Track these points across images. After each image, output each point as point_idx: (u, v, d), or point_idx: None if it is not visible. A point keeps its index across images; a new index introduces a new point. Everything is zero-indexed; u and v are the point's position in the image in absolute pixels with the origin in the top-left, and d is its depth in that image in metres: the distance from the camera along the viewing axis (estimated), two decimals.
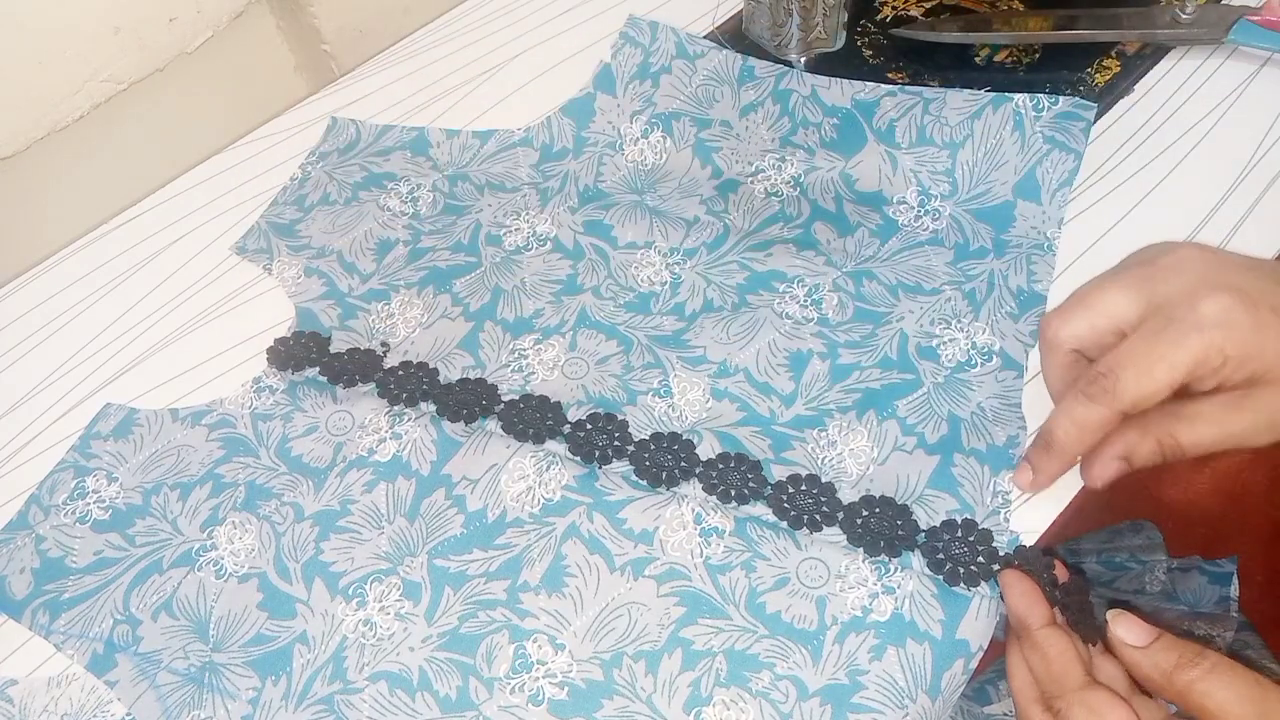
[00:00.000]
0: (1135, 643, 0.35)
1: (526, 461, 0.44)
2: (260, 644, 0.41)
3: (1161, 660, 0.35)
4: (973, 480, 0.42)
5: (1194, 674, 0.34)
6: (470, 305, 0.50)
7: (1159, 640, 0.35)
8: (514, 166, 0.56)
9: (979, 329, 0.47)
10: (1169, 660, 0.35)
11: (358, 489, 0.44)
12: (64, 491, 0.46)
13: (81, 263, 0.56)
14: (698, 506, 0.42)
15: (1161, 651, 0.35)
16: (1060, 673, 0.36)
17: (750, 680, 0.38)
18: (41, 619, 0.42)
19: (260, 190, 0.57)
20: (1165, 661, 0.35)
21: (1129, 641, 0.36)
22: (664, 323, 0.49)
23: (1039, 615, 0.37)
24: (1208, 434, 0.38)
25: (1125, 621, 0.36)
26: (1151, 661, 0.35)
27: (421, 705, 0.39)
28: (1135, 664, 0.36)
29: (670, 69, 0.56)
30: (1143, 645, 0.35)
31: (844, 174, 0.53)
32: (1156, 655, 0.35)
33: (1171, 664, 0.34)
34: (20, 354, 0.52)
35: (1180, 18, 0.54)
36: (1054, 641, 0.36)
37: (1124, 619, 0.36)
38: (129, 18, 0.55)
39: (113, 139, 0.59)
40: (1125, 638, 0.36)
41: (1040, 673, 0.37)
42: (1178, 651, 0.35)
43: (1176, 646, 0.35)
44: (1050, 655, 0.36)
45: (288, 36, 0.65)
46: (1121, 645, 0.36)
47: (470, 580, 0.41)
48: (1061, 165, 0.49)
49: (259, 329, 0.51)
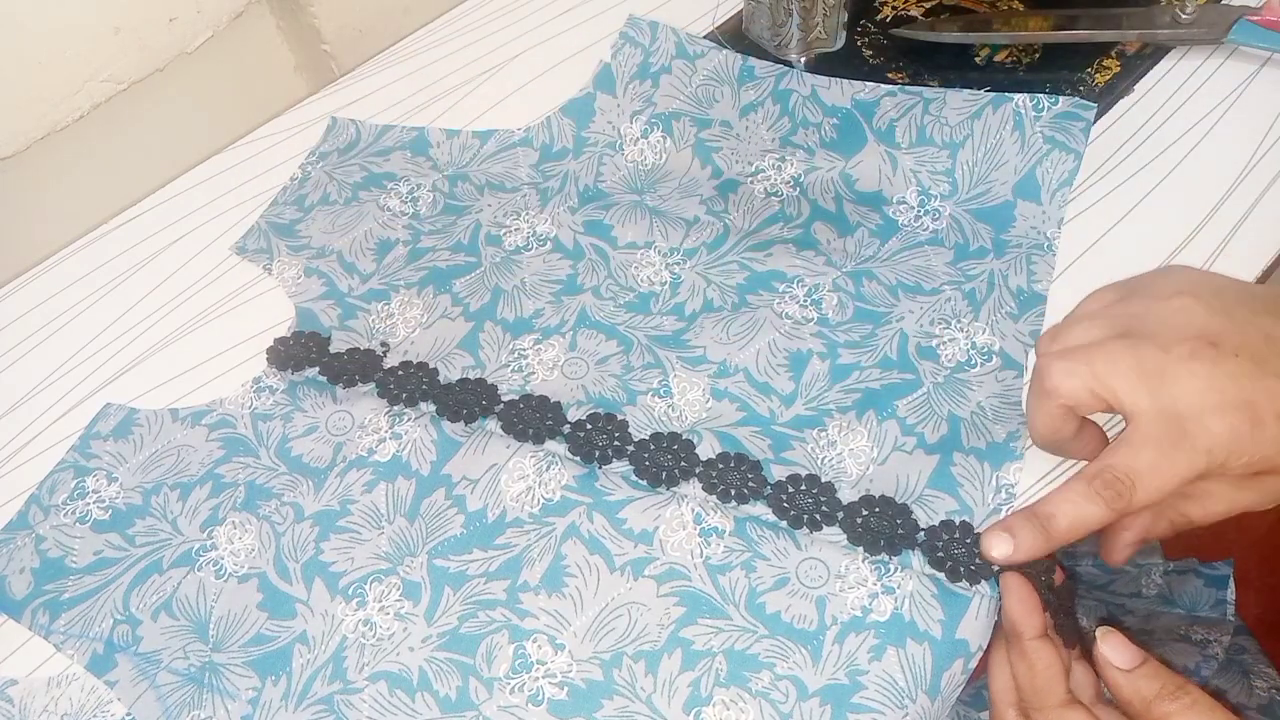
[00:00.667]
0: (1121, 665, 0.36)
1: (526, 461, 0.44)
2: (260, 644, 0.41)
3: (1144, 687, 0.35)
4: (973, 480, 0.42)
5: (1172, 707, 0.34)
6: (470, 305, 0.50)
7: (1144, 666, 0.36)
8: (514, 166, 0.56)
9: (979, 329, 0.47)
10: (1150, 689, 0.35)
11: (358, 489, 0.44)
12: (64, 491, 0.46)
13: (81, 263, 0.56)
14: (697, 506, 0.42)
15: (1144, 679, 0.35)
16: (1043, 687, 0.36)
17: (750, 680, 0.38)
18: (41, 619, 0.42)
19: (260, 190, 0.57)
20: (1147, 689, 0.35)
21: (1115, 663, 0.36)
22: (664, 323, 0.49)
23: (1033, 625, 0.37)
24: (1217, 509, 0.40)
25: (1113, 642, 0.36)
26: (1133, 687, 0.35)
27: (421, 705, 0.39)
28: (1117, 686, 0.36)
29: (670, 69, 0.56)
30: (1128, 669, 0.36)
31: (844, 174, 0.53)
32: (1139, 681, 0.35)
33: (1153, 693, 0.35)
34: (20, 354, 0.52)
35: (1180, 18, 0.54)
36: (1042, 654, 0.37)
37: (1112, 639, 0.36)
38: (129, 18, 0.55)
39: (113, 139, 0.59)
40: (1111, 658, 0.36)
41: (1024, 682, 0.37)
42: (1160, 682, 0.35)
43: (1160, 676, 0.35)
44: (1037, 668, 0.36)
45: (288, 36, 0.65)
46: (1106, 665, 0.36)
47: (470, 580, 0.41)
48: (1061, 165, 0.49)
49: (259, 329, 0.51)
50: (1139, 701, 0.35)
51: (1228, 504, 0.39)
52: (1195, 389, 0.36)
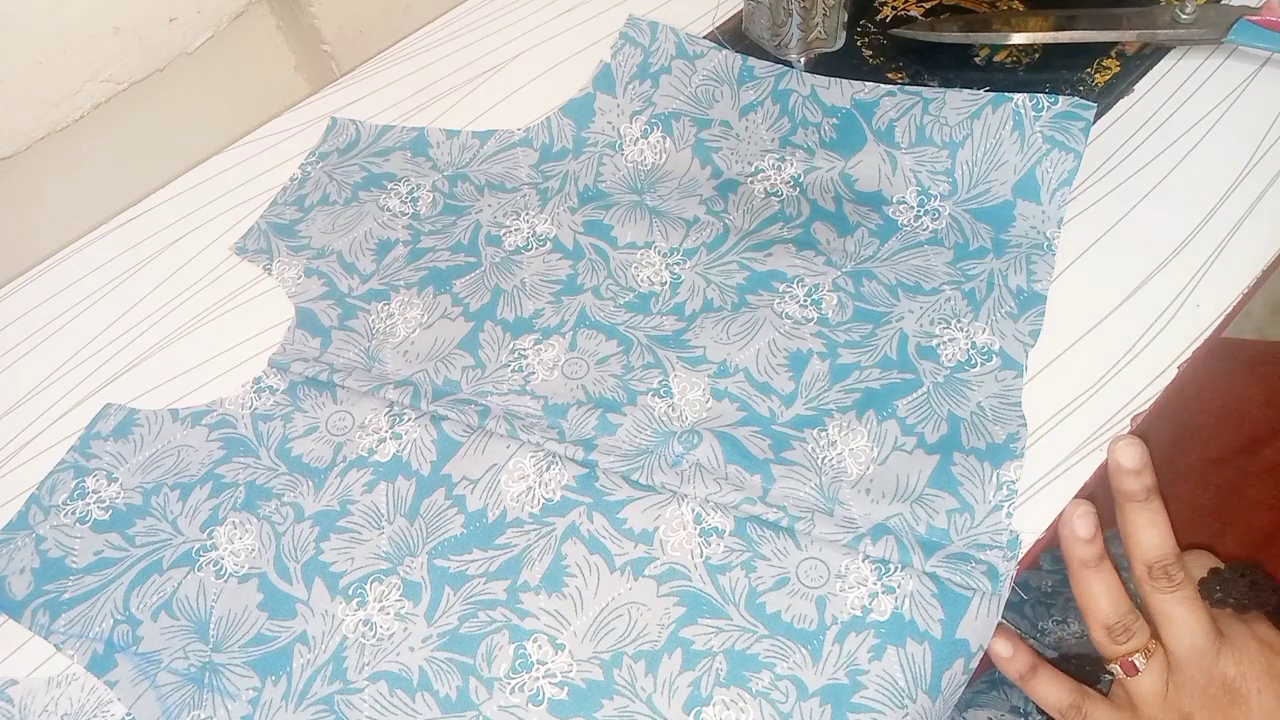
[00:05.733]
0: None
1: (526, 461, 0.44)
2: (260, 644, 0.41)
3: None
4: (973, 479, 0.42)
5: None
6: (470, 305, 0.50)
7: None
8: (514, 166, 0.57)
9: (979, 329, 0.47)
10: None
11: (358, 489, 0.44)
12: (64, 491, 0.46)
13: (82, 263, 0.56)
14: (698, 506, 0.42)
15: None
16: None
17: (750, 680, 0.38)
18: (41, 619, 0.42)
19: (260, 190, 0.57)
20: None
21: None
22: (664, 323, 0.49)
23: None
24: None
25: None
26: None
27: (421, 705, 0.39)
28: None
29: (670, 69, 0.56)
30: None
31: (844, 174, 0.53)
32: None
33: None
34: (20, 354, 0.52)
35: (1180, 18, 0.54)
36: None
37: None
38: (129, 18, 0.55)
39: (113, 139, 0.59)
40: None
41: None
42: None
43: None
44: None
45: (288, 36, 0.65)
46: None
47: (470, 580, 0.42)
48: (1061, 165, 0.49)
49: (259, 329, 0.51)
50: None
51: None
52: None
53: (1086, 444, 0.43)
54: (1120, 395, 0.44)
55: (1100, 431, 0.43)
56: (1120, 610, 0.40)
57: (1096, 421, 0.43)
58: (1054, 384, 0.45)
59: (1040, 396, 0.44)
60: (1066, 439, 0.43)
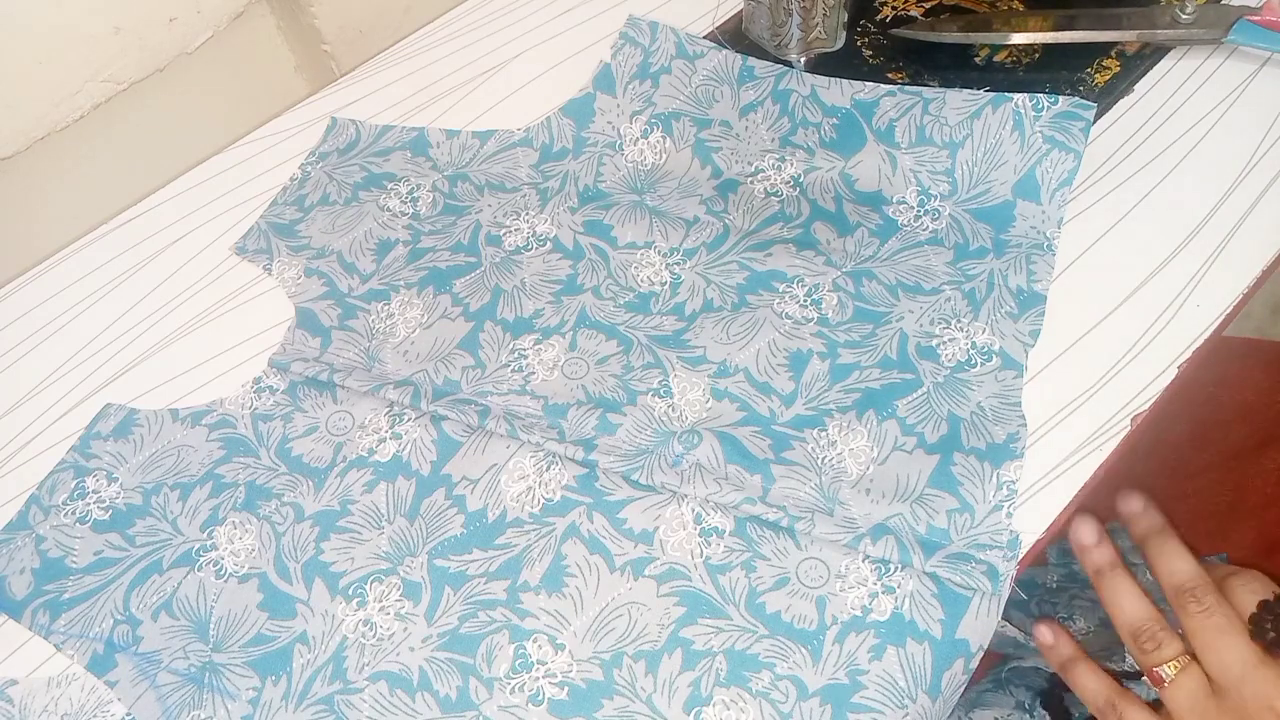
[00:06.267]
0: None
1: (526, 461, 0.44)
2: (260, 644, 0.41)
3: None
4: (973, 479, 0.42)
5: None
6: (470, 305, 0.50)
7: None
8: (514, 166, 0.56)
9: (979, 329, 0.47)
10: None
11: (358, 489, 0.44)
12: (64, 491, 0.46)
13: (82, 263, 0.56)
14: (698, 506, 0.42)
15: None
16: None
17: (750, 680, 0.38)
18: (41, 619, 0.42)
19: (260, 190, 0.57)
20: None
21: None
22: (664, 323, 0.49)
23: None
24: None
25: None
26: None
27: (421, 705, 0.39)
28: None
29: (670, 69, 0.56)
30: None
31: (844, 174, 0.53)
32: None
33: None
34: (20, 354, 0.52)
35: (1180, 18, 0.54)
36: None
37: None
38: (129, 18, 0.55)
39: (113, 139, 0.59)
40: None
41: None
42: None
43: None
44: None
45: (288, 36, 0.65)
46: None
47: (470, 580, 0.42)
48: (1061, 165, 0.49)
49: (259, 329, 0.51)
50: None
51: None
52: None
53: (1086, 444, 0.43)
54: (1120, 395, 0.44)
55: (1100, 431, 0.43)
56: (1141, 615, 0.40)
57: (1096, 421, 0.43)
58: (1054, 384, 0.45)
59: (1040, 396, 0.44)
60: (1066, 439, 0.43)
